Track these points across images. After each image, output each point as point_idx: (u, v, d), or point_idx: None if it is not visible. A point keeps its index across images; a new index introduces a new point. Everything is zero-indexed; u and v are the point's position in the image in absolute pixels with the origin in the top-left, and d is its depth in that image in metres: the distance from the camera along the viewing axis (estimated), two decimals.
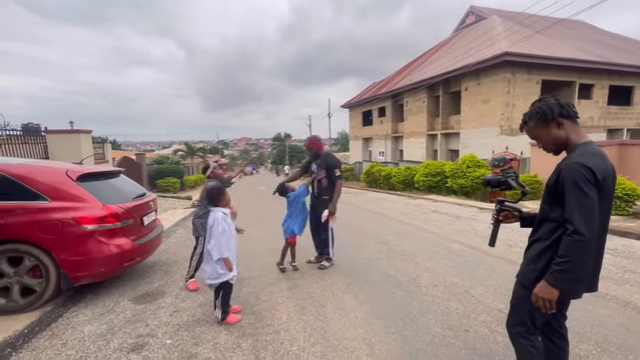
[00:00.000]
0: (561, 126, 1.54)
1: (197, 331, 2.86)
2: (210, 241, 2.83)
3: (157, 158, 19.48)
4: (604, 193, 1.42)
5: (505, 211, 1.88)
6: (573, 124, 1.54)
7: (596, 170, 1.36)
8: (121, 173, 4.47)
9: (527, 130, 1.66)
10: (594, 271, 1.55)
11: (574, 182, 1.38)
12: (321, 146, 4.54)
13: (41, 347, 2.65)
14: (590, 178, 1.36)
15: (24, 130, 8.98)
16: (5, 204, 3.16)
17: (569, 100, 1.59)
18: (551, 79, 14.71)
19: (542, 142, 1.62)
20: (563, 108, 1.53)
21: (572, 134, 1.53)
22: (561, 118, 1.53)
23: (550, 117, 1.53)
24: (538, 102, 1.60)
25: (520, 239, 5.60)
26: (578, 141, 1.52)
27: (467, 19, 23.30)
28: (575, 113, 1.54)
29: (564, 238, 1.40)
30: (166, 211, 9.54)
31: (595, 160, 1.40)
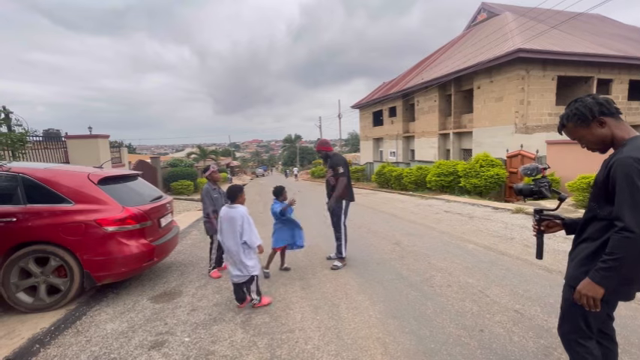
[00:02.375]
0: (604, 124, 1.48)
1: (214, 330, 2.93)
2: (245, 235, 3.21)
3: (171, 161, 19.90)
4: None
5: (546, 220, 1.83)
6: (617, 121, 1.48)
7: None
8: (138, 176, 4.61)
9: (567, 131, 1.60)
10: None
11: (627, 176, 1.31)
12: (330, 148, 4.66)
13: (67, 343, 2.77)
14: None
15: (45, 136, 9.34)
16: (33, 207, 3.32)
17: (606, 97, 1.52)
18: (567, 74, 14.33)
19: (585, 143, 1.56)
20: (603, 106, 1.47)
21: (617, 131, 1.47)
22: (603, 117, 1.48)
23: (590, 117, 1.48)
24: (574, 102, 1.54)
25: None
26: (626, 136, 1.45)
27: (478, 16, 22.94)
28: (617, 110, 1.49)
29: (613, 235, 1.35)
30: (181, 213, 9.75)
31: None
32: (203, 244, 5.86)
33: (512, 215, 7.60)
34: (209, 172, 4.48)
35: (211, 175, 4.47)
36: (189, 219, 8.68)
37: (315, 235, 6.33)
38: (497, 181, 10.95)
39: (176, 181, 15.91)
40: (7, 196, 3.35)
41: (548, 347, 2.47)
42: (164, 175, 16.23)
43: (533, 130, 13.93)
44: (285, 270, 4.41)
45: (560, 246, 5.03)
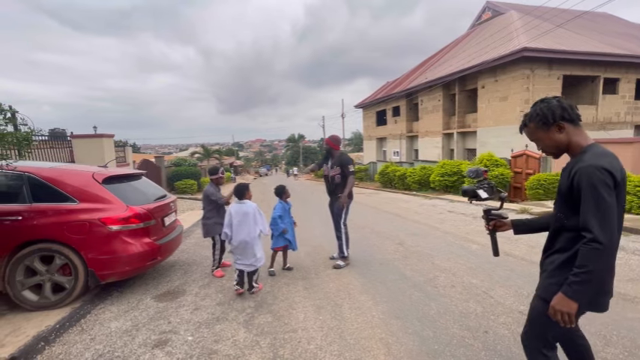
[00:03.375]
0: (562, 130, 1.46)
1: (217, 329, 2.93)
2: (259, 224, 3.61)
3: (175, 161, 19.99)
4: (621, 195, 1.35)
5: (493, 220, 1.85)
6: (575, 127, 1.46)
7: (614, 172, 1.30)
8: (142, 176, 4.63)
9: (528, 131, 1.57)
10: (612, 273, 1.47)
11: (591, 186, 1.30)
12: (338, 147, 4.67)
13: (72, 341, 2.79)
14: (609, 182, 1.29)
15: (51, 135, 9.41)
16: (38, 205, 3.34)
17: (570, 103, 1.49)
18: (573, 74, 14.19)
19: (542, 146, 1.55)
20: (565, 111, 1.44)
21: (574, 137, 1.46)
22: (563, 122, 1.45)
23: (551, 120, 1.46)
24: (540, 102, 1.51)
25: (542, 240, 5.42)
26: (584, 143, 1.44)
27: (483, 15, 22.78)
28: (577, 116, 1.46)
29: (581, 247, 1.32)
30: (184, 212, 9.79)
31: (609, 160, 1.34)
32: (206, 243, 5.87)
33: (517, 216, 7.54)
34: (216, 177, 4.52)
35: (218, 180, 4.54)
36: (193, 218, 8.72)
37: (317, 235, 6.32)
38: (502, 181, 10.87)
39: (180, 180, 15.98)
40: (13, 195, 3.38)
41: None
42: (168, 174, 16.31)
43: None
44: (287, 270, 4.41)
45: None
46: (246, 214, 3.59)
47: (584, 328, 2.72)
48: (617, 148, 8.37)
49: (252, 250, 3.57)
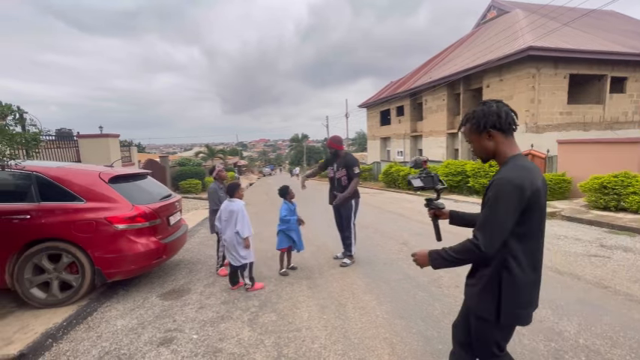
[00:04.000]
0: (492, 138, 1.46)
1: (221, 327, 2.96)
2: (238, 224, 3.65)
3: (180, 160, 20.10)
4: (535, 206, 1.35)
5: (433, 209, 1.90)
6: (506, 137, 1.46)
7: (524, 187, 1.32)
8: (148, 175, 4.67)
9: (465, 131, 1.57)
10: (535, 286, 1.46)
11: (496, 196, 1.35)
12: (342, 147, 4.65)
13: (79, 339, 2.83)
14: (514, 197, 1.32)
15: (58, 135, 9.52)
16: (46, 204, 3.39)
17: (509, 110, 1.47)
18: (579, 73, 14.04)
19: (474, 148, 1.56)
20: (499, 119, 1.43)
21: (501, 146, 1.46)
22: (493, 130, 1.45)
23: (482, 127, 1.46)
24: (481, 105, 1.50)
25: (547, 240, 5.37)
26: (509, 153, 1.45)
27: (488, 14, 22.61)
28: (510, 126, 1.45)
29: (466, 240, 1.40)
30: (189, 212, 9.85)
31: (524, 174, 1.35)
32: (211, 242, 5.91)
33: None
34: (216, 172, 4.66)
35: (218, 174, 4.63)
36: (198, 217, 8.77)
37: (321, 234, 6.33)
38: None
39: (184, 180, 16.06)
40: (22, 194, 3.42)
41: (559, 350, 2.43)
42: (173, 174, 16.41)
43: (544, 129, 13.69)
44: (291, 269, 4.42)
45: (572, 248, 4.94)
46: (231, 213, 3.69)
47: (590, 330, 2.71)
48: (625, 148, 8.27)
49: (233, 246, 3.67)
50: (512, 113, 1.47)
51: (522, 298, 1.41)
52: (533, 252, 1.40)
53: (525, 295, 1.42)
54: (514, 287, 1.39)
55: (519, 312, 1.43)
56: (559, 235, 5.72)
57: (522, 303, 1.42)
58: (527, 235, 1.38)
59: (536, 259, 1.42)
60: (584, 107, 14.52)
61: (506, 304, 1.40)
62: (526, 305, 1.44)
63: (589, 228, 6.15)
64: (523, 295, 1.41)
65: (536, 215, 1.37)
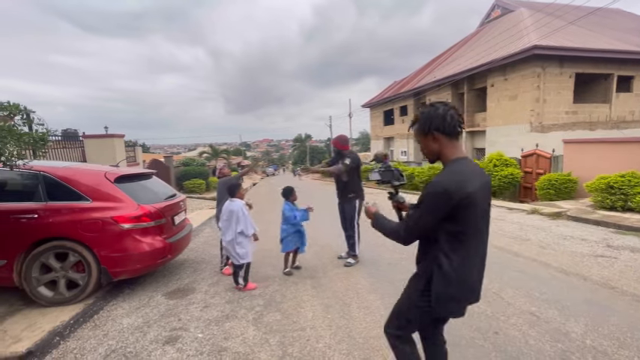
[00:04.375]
0: (436, 140, 1.50)
1: (226, 326, 2.97)
2: (241, 224, 3.68)
3: (184, 160, 20.21)
4: (468, 209, 1.41)
5: (395, 202, 1.94)
6: (450, 140, 1.49)
7: (453, 192, 1.38)
8: (153, 175, 4.70)
9: (414, 131, 1.61)
10: (477, 283, 1.56)
11: (422, 198, 1.46)
12: (347, 147, 4.57)
13: (85, 337, 2.85)
14: (441, 201, 1.40)
15: (64, 136, 9.60)
16: (53, 204, 3.42)
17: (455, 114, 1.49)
18: (585, 71, 13.90)
19: (421, 148, 1.61)
20: (443, 122, 1.46)
21: (445, 149, 1.50)
22: (437, 133, 1.48)
23: (427, 130, 1.50)
24: (429, 107, 1.53)
25: (553, 240, 5.36)
26: (451, 157, 1.49)
27: (492, 13, 22.47)
28: (454, 130, 1.47)
29: (400, 223, 1.59)
30: (193, 211, 9.89)
31: (455, 178, 1.41)
32: (215, 241, 5.93)
33: (527, 216, 7.44)
34: (218, 171, 4.78)
35: (221, 171, 4.71)
36: (202, 217, 8.80)
37: (325, 234, 6.33)
38: (512, 181, 10.73)
39: (188, 179, 16.14)
40: (29, 194, 3.46)
41: (566, 351, 2.41)
42: (177, 173, 16.49)
43: (550, 128, 13.58)
44: (296, 268, 4.43)
45: (578, 248, 4.90)
46: (231, 213, 3.70)
47: (597, 330, 2.68)
48: (632, 147, 8.18)
49: (232, 246, 3.69)
50: (457, 117, 1.49)
51: (452, 292, 1.49)
52: (469, 250, 1.48)
53: (455, 289, 1.49)
54: (443, 281, 1.48)
55: (449, 305, 1.52)
56: (565, 235, 5.67)
57: (452, 296, 1.50)
58: (461, 234, 1.45)
59: (474, 257, 1.50)
60: (590, 106, 14.38)
61: (438, 297, 1.50)
62: (457, 299, 1.52)
63: (595, 228, 6.09)
64: (453, 289, 1.49)
65: (471, 217, 1.43)
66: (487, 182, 1.52)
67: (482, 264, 1.56)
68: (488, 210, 1.54)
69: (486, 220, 1.54)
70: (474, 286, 1.55)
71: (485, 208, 1.52)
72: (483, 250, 1.56)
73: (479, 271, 1.55)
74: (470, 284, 1.52)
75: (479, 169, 1.52)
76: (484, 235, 1.54)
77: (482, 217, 1.51)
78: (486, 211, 1.53)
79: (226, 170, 4.78)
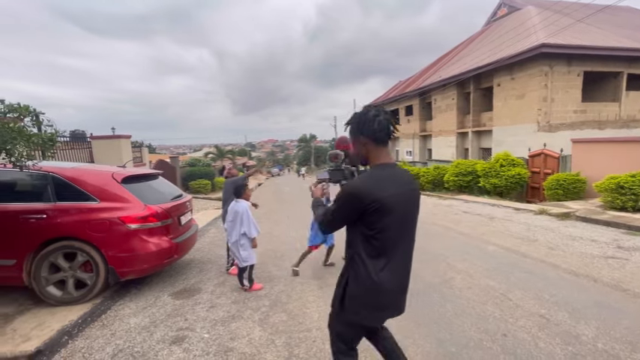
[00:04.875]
0: (364, 144, 1.50)
1: (232, 327, 2.97)
2: (244, 225, 3.66)
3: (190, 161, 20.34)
4: (381, 214, 1.40)
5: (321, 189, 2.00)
6: (377, 146, 1.49)
7: (362, 195, 1.40)
8: (159, 176, 4.73)
9: (348, 132, 1.62)
10: (395, 293, 1.52)
11: (337, 198, 1.49)
12: (349, 146, 4.61)
13: (93, 336, 2.88)
14: (349, 201, 1.44)
15: (72, 137, 9.72)
16: (62, 204, 3.46)
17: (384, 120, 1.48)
18: (594, 70, 13.69)
19: (353, 149, 1.62)
20: (371, 127, 1.45)
21: (371, 154, 1.51)
22: (364, 137, 1.49)
23: (357, 133, 1.51)
24: (362, 110, 1.53)
25: (562, 241, 5.28)
26: (375, 162, 1.50)
27: (499, 12, 22.26)
28: (381, 137, 1.46)
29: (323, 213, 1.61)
30: (199, 212, 9.94)
31: (369, 183, 1.42)
32: (221, 242, 5.95)
33: (534, 216, 7.34)
34: (226, 171, 4.83)
35: (229, 172, 4.76)
36: (207, 217, 8.84)
37: (335, 233, 6.31)
38: (519, 181, 10.61)
39: (194, 180, 16.24)
40: (38, 194, 3.50)
41: (577, 355, 2.37)
42: (183, 174, 16.60)
43: (557, 128, 13.40)
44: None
45: (587, 249, 4.82)
46: (236, 214, 3.70)
47: (609, 334, 2.63)
48: None
49: (237, 249, 3.69)
50: (387, 124, 1.48)
51: (367, 299, 1.47)
52: (385, 257, 1.45)
53: (371, 296, 1.47)
54: (357, 286, 1.47)
55: (362, 312, 1.49)
56: (574, 236, 5.58)
57: (366, 304, 1.48)
58: (375, 239, 1.44)
59: (391, 265, 1.46)
60: (599, 105, 14.16)
61: (350, 301, 1.50)
62: (371, 307, 1.49)
63: (605, 229, 5.99)
64: (368, 296, 1.47)
65: (384, 223, 1.42)
66: (410, 190, 1.51)
67: (402, 273, 1.52)
68: (410, 218, 1.52)
69: (409, 229, 1.52)
70: (390, 294, 1.49)
71: (406, 217, 1.49)
72: (404, 258, 1.52)
73: (398, 280, 1.50)
74: (385, 292, 1.47)
75: (403, 177, 1.51)
76: (405, 243, 1.52)
77: (402, 225, 1.48)
78: (407, 219, 1.50)
79: (234, 171, 4.82)
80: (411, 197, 1.51)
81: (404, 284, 1.54)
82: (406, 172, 1.57)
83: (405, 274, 1.54)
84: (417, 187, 1.57)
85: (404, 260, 1.52)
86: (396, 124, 1.54)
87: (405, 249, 1.53)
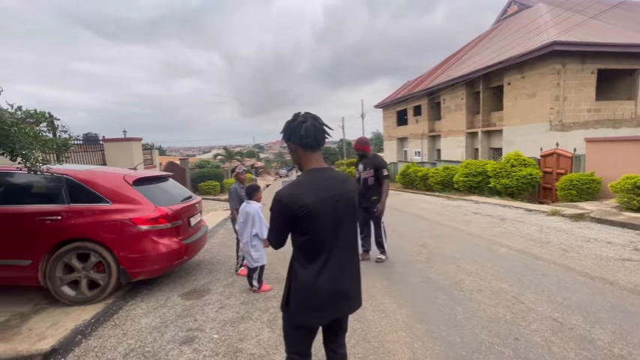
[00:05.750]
0: (294, 150, 1.54)
1: (241, 328, 2.99)
2: (256, 226, 3.70)
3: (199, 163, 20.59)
4: (308, 220, 1.43)
5: None
6: (306, 152, 1.51)
7: (285, 200, 1.44)
8: (170, 178, 4.79)
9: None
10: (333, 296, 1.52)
11: (270, 209, 1.52)
12: (369, 148, 4.72)
13: (106, 336, 2.93)
14: (276, 208, 1.48)
15: (85, 140, 9.94)
16: (75, 206, 3.54)
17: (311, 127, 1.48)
18: (608, 67, 13.38)
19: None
20: (297, 134, 1.47)
21: (301, 160, 1.54)
22: (292, 144, 1.52)
23: (287, 139, 1.54)
24: (293, 115, 1.54)
25: (575, 243, 5.16)
26: (305, 167, 1.53)
27: (509, 9, 21.94)
28: (307, 143, 1.48)
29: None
30: (208, 213, 10.04)
31: (294, 190, 1.46)
32: (230, 242, 6.00)
33: (547, 218, 7.20)
34: (236, 173, 4.79)
35: (237, 175, 4.74)
36: (217, 218, 8.93)
37: None
38: (531, 181, 10.41)
39: (203, 181, 16.42)
40: (53, 196, 3.59)
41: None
42: (192, 176, 16.80)
43: (570, 127, 13.13)
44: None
45: (603, 251, 4.70)
46: (247, 215, 3.73)
47: (626, 339, 2.56)
48: None
49: (247, 249, 3.72)
50: (314, 129, 1.48)
51: (305, 301, 1.51)
52: (320, 260, 1.48)
53: (308, 298, 1.50)
54: (297, 290, 1.51)
55: (302, 313, 1.52)
56: (588, 237, 5.45)
57: (305, 305, 1.51)
58: (308, 245, 1.48)
59: (327, 268, 1.49)
60: (614, 103, 13.82)
61: (292, 303, 1.53)
62: (310, 309, 1.51)
63: (621, 230, 5.83)
64: (306, 298, 1.50)
65: (315, 227, 1.45)
66: (341, 194, 1.51)
67: (339, 275, 1.53)
68: (343, 222, 1.52)
69: (343, 233, 1.53)
70: (326, 297, 1.51)
71: (338, 220, 1.50)
72: (340, 261, 1.53)
73: (333, 282, 1.51)
74: (320, 294, 1.49)
75: (333, 181, 1.52)
76: (341, 246, 1.52)
77: (335, 229, 1.50)
78: (339, 223, 1.51)
79: (243, 176, 4.75)
80: (342, 201, 1.51)
81: (342, 286, 1.54)
82: (340, 175, 1.58)
83: (343, 276, 1.54)
84: (349, 190, 1.56)
85: (340, 263, 1.53)
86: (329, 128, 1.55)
87: (341, 252, 1.53)
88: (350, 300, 1.60)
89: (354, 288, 1.62)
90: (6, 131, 2.61)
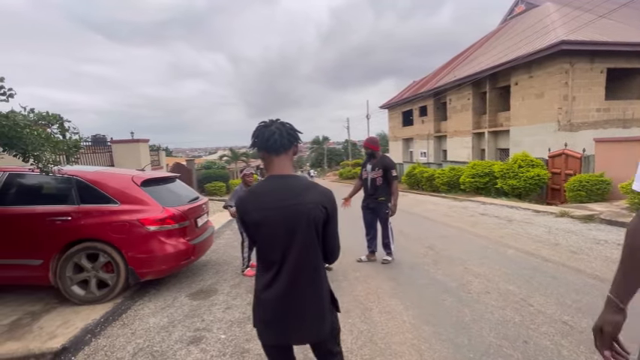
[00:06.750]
0: (262, 157, 1.49)
1: (248, 328, 3.00)
2: None
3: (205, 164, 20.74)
4: (253, 228, 1.41)
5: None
6: (269, 155, 1.44)
7: (240, 209, 1.45)
8: (177, 178, 4.84)
9: None
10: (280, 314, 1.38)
11: None
12: (378, 147, 4.72)
13: (115, 335, 2.97)
14: (238, 216, 1.52)
15: (93, 141, 10.08)
16: (85, 207, 3.59)
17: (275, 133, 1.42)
18: (618, 67, 13.17)
19: None
20: (258, 138, 1.43)
21: (266, 165, 1.49)
22: (258, 149, 1.48)
23: (254, 145, 1.49)
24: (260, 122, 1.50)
25: (585, 245, 5.09)
26: (268, 173, 1.49)
27: (516, 9, 21.74)
28: (269, 148, 1.42)
29: None
30: (214, 214, 10.10)
31: (245, 196, 1.46)
32: (236, 243, 6.03)
33: (555, 219, 7.11)
34: (243, 174, 4.77)
35: (244, 177, 4.71)
36: (223, 219, 8.97)
37: (344, 236, 6.30)
38: (538, 182, 10.30)
39: (210, 182, 16.54)
40: (63, 197, 3.65)
41: None
42: (199, 176, 16.94)
43: (579, 127, 12.95)
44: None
45: (613, 253, 4.63)
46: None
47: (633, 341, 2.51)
48: None
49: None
50: (278, 133, 1.42)
51: (255, 314, 1.45)
52: (273, 275, 1.39)
53: (257, 310, 1.44)
54: (255, 301, 1.46)
55: (258, 326, 1.45)
56: (598, 239, 5.37)
57: (256, 318, 1.45)
58: (259, 255, 1.46)
59: (276, 281, 1.37)
60: (624, 103, 13.60)
61: (253, 315, 1.48)
62: (260, 322, 1.43)
63: None
64: (256, 309, 1.45)
65: (262, 237, 1.40)
66: (293, 205, 1.35)
67: (287, 295, 1.37)
68: (297, 237, 1.35)
69: (298, 249, 1.36)
70: (271, 312, 1.38)
71: (290, 234, 1.35)
72: (289, 279, 1.36)
73: (280, 300, 1.37)
74: (266, 309, 1.39)
75: (288, 191, 1.38)
76: (295, 265, 1.36)
77: (287, 243, 1.36)
78: (292, 238, 1.35)
79: (250, 179, 4.65)
80: (293, 213, 1.35)
81: (289, 305, 1.38)
82: (299, 185, 1.41)
83: (291, 296, 1.37)
84: (306, 202, 1.36)
85: (290, 280, 1.37)
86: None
87: (294, 269, 1.37)
88: (302, 326, 1.41)
89: (308, 312, 1.41)
90: (19, 133, 2.66)
